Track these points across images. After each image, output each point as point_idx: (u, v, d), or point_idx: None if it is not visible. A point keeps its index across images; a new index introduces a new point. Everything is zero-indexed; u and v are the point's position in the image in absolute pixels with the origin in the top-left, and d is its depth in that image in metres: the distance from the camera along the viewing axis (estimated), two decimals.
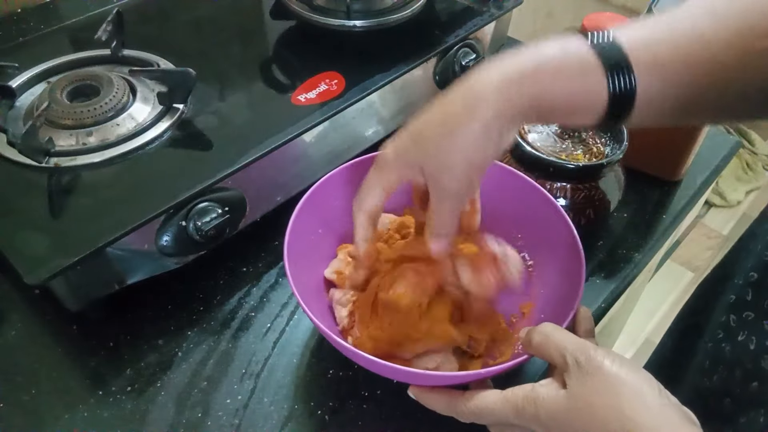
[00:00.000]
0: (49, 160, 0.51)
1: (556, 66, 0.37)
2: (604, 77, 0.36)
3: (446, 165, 0.39)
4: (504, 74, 0.37)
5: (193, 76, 0.55)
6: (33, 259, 0.44)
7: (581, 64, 0.36)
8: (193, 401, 0.48)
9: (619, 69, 0.36)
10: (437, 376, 0.41)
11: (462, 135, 0.38)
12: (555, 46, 0.37)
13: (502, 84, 0.37)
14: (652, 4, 0.63)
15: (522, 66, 0.37)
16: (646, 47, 0.36)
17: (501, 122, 0.37)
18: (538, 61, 0.37)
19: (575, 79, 0.36)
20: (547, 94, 0.37)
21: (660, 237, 0.63)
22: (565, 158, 0.56)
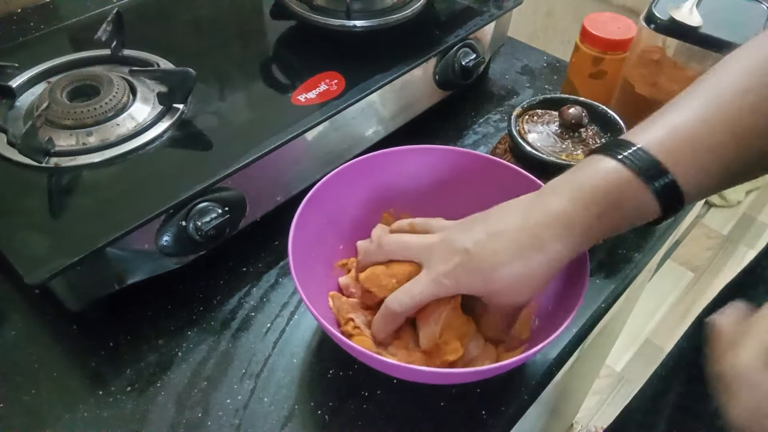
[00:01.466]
0: (49, 160, 0.51)
1: (610, 202, 0.38)
2: (647, 189, 0.38)
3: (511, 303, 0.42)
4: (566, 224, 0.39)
5: (193, 76, 0.55)
6: (33, 259, 0.44)
7: (626, 188, 0.38)
8: (193, 401, 0.48)
9: (659, 176, 0.38)
10: (436, 373, 0.41)
11: (529, 276, 0.40)
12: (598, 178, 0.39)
13: (565, 233, 0.39)
14: (652, 5, 0.63)
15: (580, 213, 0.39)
16: (673, 140, 0.38)
17: (564, 263, 0.40)
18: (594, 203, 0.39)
19: (630, 209, 0.39)
20: (609, 233, 0.40)
21: (660, 237, 0.63)
22: (565, 158, 0.56)
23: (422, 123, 0.71)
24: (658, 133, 0.39)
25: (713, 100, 0.39)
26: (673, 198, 0.38)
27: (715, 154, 0.38)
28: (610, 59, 0.70)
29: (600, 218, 0.39)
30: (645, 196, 0.38)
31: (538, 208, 0.40)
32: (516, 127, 0.59)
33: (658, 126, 0.39)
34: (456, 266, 0.41)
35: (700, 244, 1.90)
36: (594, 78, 0.72)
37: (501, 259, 0.40)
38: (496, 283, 0.40)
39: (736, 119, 0.38)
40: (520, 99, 0.79)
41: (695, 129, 0.38)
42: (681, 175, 0.38)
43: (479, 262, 0.40)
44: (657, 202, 0.38)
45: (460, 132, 0.74)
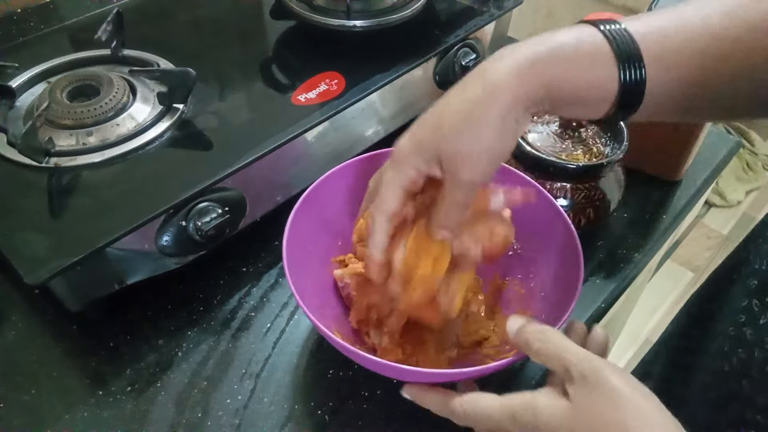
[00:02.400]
0: (49, 160, 0.51)
1: (570, 53, 0.37)
2: (616, 68, 0.36)
3: (466, 154, 0.38)
4: (519, 61, 0.37)
5: (193, 76, 0.55)
6: (33, 259, 0.44)
7: (594, 53, 0.36)
8: (193, 401, 0.48)
9: (631, 60, 0.36)
10: (433, 373, 0.41)
11: (481, 122, 0.37)
12: (568, 34, 0.38)
13: (517, 71, 0.37)
14: (652, 4, 0.63)
15: (537, 53, 0.37)
16: (657, 40, 0.37)
17: (518, 109, 0.37)
18: (552, 48, 0.37)
19: (588, 67, 0.37)
20: (561, 81, 0.37)
21: (660, 237, 0.63)
22: (565, 158, 0.56)
23: None
24: (643, 24, 0.38)
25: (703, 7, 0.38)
26: (636, 91, 0.37)
27: (688, 67, 0.37)
28: None
29: (554, 64, 0.37)
30: (608, 67, 0.36)
31: (494, 60, 0.38)
32: None
33: (647, 20, 0.38)
34: (412, 129, 0.40)
35: (700, 244, 1.90)
36: None
37: (450, 110, 0.39)
38: (445, 133, 0.38)
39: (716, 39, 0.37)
40: None
41: (679, 36, 0.37)
42: (651, 73, 0.36)
43: (430, 118, 0.40)
44: (618, 83, 0.36)
45: None
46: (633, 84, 0.36)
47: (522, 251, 0.52)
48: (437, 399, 0.40)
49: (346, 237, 0.53)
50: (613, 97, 0.37)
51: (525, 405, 0.35)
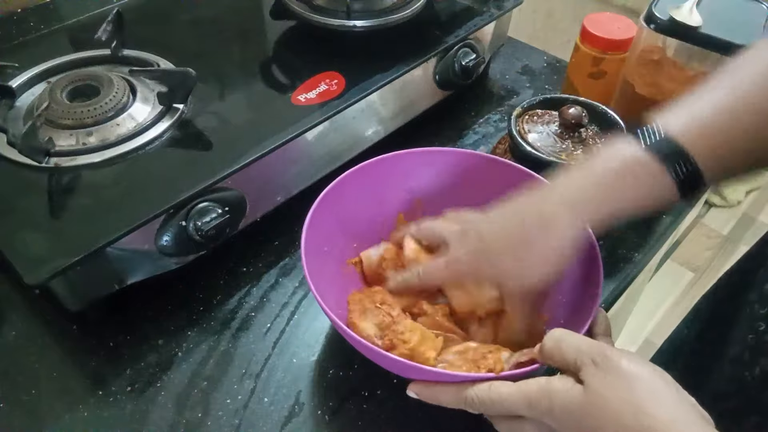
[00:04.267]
0: (49, 160, 0.51)
1: (623, 183, 0.38)
2: (668, 174, 0.38)
3: (528, 287, 0.42)
4: (575, 199, 0.39)
5: (193, 76, 0.55)
6: (33, 259, 0.44)
7: (642, 170, 0.38)
8: (193, 401, 0.48)
9: (680, 162, 0.38)
10: (444, 374, 0.41)
11: (540, 257, 0.40)
12: (614, 160, 0.39)
13: (575, 209, 0.39)
14: (652, 5, 0.63)
15: (591, 190, 0.39)
16: (698, 127, 0.38)
17: (575, 243, 0.40)
18: (606, 181, 0.39)
19: (645, 190, 0.39)
20: (621, 211, 0.39)
21: (660, 237, 0.63)
22: (565, 158, 0.56)
23: (422, 123, 0.71)
24: (679, 118, 0.39)
25: (736, 85, 0.39)
26: (693, 182, 0.38)
27: (737, 139, 0.38)
28: (610, 59, 0.70)
29: (611, 198, 0.39)
30: (663, 179, 0.38)
31: (550, 191, 0.41)
32: (516, 127, 0.59)
33: (680, 111, 0.39)
34: (469, 250, 0.43)
35: (700, 244, 1.90)
36: (594, 78, 0.72)
37: (509, 241, 0.41)
38: (506, 265, 0.41)
39: (758, 103, 0.38)
40: (520, 99, 0.79)
41: (717, 114, 0.38)
42: (702, 159, 0.38)
43: (490, 245, 0.42)
44: (676, 186, 0.38)
45: (460, 132, 0.74)
46: (690, 181, 0.38)
47: None
48: (449, 390, 0.40)
49: (362, 239, 0.53)
50: (675, 195, 0.39)
51: (541, 390, 0.36)
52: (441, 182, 0.55)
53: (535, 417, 0.36)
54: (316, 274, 0.45)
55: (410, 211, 0.56)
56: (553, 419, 0.35)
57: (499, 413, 0.38)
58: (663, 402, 0.32)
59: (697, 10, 0.61)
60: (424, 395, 0.42)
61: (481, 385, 0.38)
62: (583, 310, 0.44)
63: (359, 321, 0.46)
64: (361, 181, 0.52)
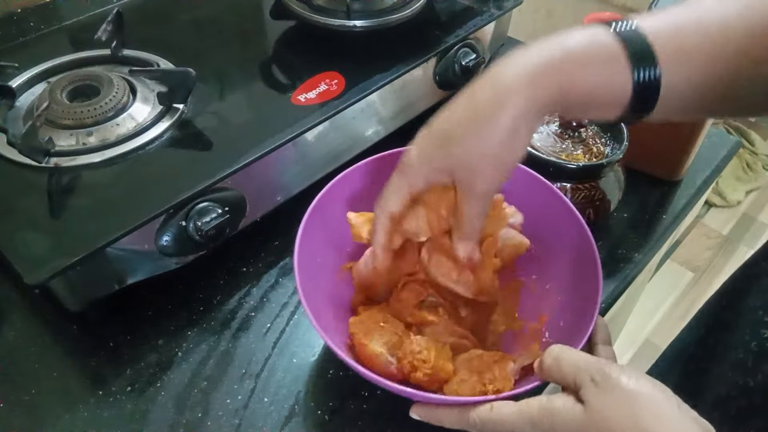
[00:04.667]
0: (49, 160, 0.51)
1: (582, 56, 0.36)
2: (629, 68, 0.35)
3: (477, 167, 0.38)
4: (530, 65, 0.36)
5: (193, 76, 0.55)
6: (33, 259, 0.44)
7: (607, 55, 0.36)
8: (193, 401, 0.48)
9: (644, 60, 0.35)
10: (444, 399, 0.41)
11: (492, 132, 0.37)
12: (580, 36, 0.37)
13: (528, 75, 0.36)
14: (652, 4, 0.63)
15: (548, 56, 0.36)
16: (672, 37, 0.36)
17: (529, 114, 0.36)
18: (564, 51, 0.36)
19: (601, 70, 0.36)
20: (574, 84, 0.36)
21: (660, 237, 0.63)
22: (565, 158, 0.56)
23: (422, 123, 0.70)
24: (659, 23, 0.37)
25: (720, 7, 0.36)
26: (650, 91, 0.36)
27: (703, 65, 0.36)
28: None
29: (564, 69, 0.36)
30: (621, 68, 0.36)
31: (506, 61, 0.37)
32: None
33: (660, 16, 0.37)
34: (417, 141, 0.40)
35: (700, 244, 1.90)
36: None
37: (456, 120, 0.38)
38: (453, 145, 0.38)
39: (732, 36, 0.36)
40: None
41: (693, 33, 0.36)
42: (665, 72, 0.36)
43: (436, 129, 0.39)
44: (632, 84, 0.36)
45: None
46: (647, 85, 0.36)
47: (535, 251, 0.52)
48: (451, 414, 0.40)
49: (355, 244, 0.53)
50: (627, 99, 0.36)
51: (542, 409, 0.35)
52: None
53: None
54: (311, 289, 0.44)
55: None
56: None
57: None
58: (664, 419, 0.32)
59: None
60: (426, 418, 0.41)
61: (483, 407, 0.38)
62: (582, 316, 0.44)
63: (367, 341, 0.45)
64: (349, 187, 0.51)
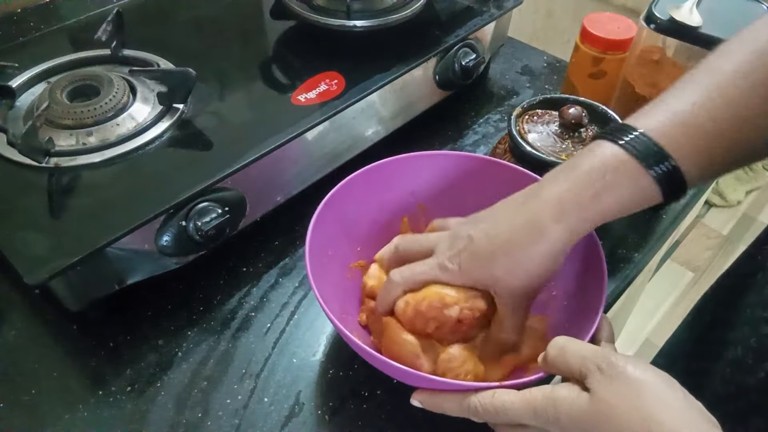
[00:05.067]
0: (49, 160, 0.51)
1: (605, 184, 0.38)
2: (652, 179, 0.38)
3: (519, 291, 0.41)
4: (559, 205, 0.39)
5: (193, 76, 0.55)
6: (33, 259, 0.44)
7: (624, 173, 0.38)
8: (193, 401, 0.48)
9: (659, 161, 0.37)
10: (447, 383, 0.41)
11: (534, 266, 0.40)
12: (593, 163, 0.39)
13: (562, 216, 0.39)
14: (652, 5, 0.63)
15: (574, 194, 0.39)
16: (680, 132, 0.38)
17: (565, 246, 0.40)
18: (589, 187, 0.39)
19: (628, 191, 0.38)
20: (607, 215, 0.39)
21: (660, 237, 0.63)
22: (565, 158, 0.56)
23: (422, 123, 0.71)
24: (658, 118, 0.39)
25: (714, 85, 0.39)
26: (675, 183, 0.38)
27: (717, 139, 0.38)
28: (610, 59, 0.70)
29: (596, 200, 0.38)
30: (644, 180, 0.38)
31: (536, 195, 0.41)
32: (516, 127, 0.59)
33: (659, 111, 0.39)
34: (459, 252, 0.43)
35: (700, 244, 1.90)
36: (594, 78, 0.72)
37: (499, 243, 0.41)
38: (496, 268, 0.41)
39: (737, 103, 0.38)
40: (520, 99, 0.79)
41: (696, 114, 0.38)
42: (683, 160, 0.37)
43: (480, 248, 0.42)
44: (657, 186, 0.38)
45: (460, 132, 0.74)
46: (670, 180, 0.38)
47: None
48: (454, 399, 0.40)
49: (366, 243, 0.53)
50: (659, 195, 0.38)
51: (546, 398, 0.35)
52: (444, 185, 0.55)
53: (541, 426, 0.36)
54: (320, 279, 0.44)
55: (414, 215, 0.56)
56: (559, 428, 0.35)
57: (504, 422, 0.38)
58: (671, 408, 0.32)
59: (697, 10, 0.61)
60: (428, 404, 0.41)
61: (484, 393, 0.38)
62: (587, 315, 0.44)
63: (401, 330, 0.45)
64: (364, 185, 0.52)
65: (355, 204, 0.52)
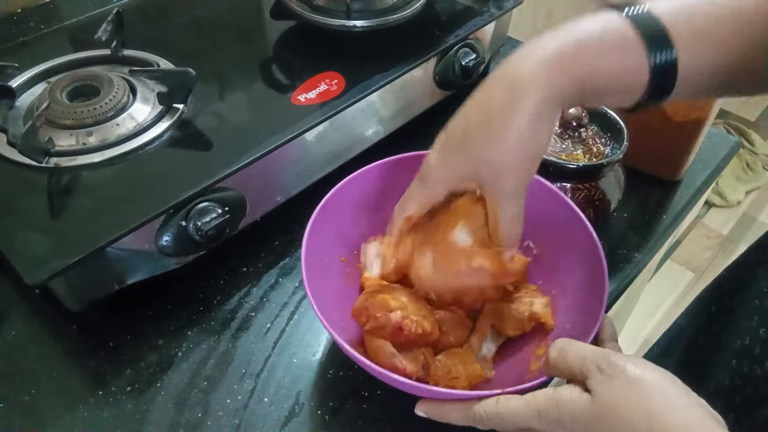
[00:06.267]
0: (49, 160, 0.51)
1: (597, 44, 0.35)
2: (645, 53, 0.35)
3: (503, 167, 0.37)
4: (544, 57, 0.36)
5: (193, 76, 0.55)
6: (33, 259, 0.44)
7: (622, 41, 0.35)
8: (193, 401, 0.48)
9: (660, 43, 0.35)
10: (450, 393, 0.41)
11: (512, 131, 0.36)
12: (592, 23, 0.36)
13: (543, 68, 0.35)
14: None
15: (562, 46, 0.36)
16: (686, 20, 0.36)
17: (548, 107, 0.36)
18: (578, 40, 0.36)
19: (617, 56, 0.35)
20: (591, 73, 0.36)
21: (660, 237, 0.63)
22: (565, 158, 0.56)
23: (422, 123, 0.71)
24: (671, 5, 0.36)
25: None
26: (667, 74, 0.36)
27: (719, 45, 0.36)
28: None
29: (580, 55, 0.35)
30: (639, 55, 0.35)
31: (522, 52, 0.37)
32: None
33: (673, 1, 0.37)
34: (437, 146, 0.40)
35: (700, 244, 1.90)
36: None
37: (474, 118, 0.38)
38: (473, 147, 0.38)
39: (748, 11, 0.36)
40: None
41: (705, 12, 0.36)
42: (681, 54, 0.36)
43: (454, 131, 0.39)
44: (649, 71, 0.36)
45: None
46: (664, 69, 0.35)
47: (540, 254, 0.52)
48: (459, 408, 0.39)
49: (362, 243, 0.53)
50: (645, 84, 0.36)
51: (548, 401, 0.35)
52: None
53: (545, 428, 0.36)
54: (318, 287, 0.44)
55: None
56: (563, 429, 0.34)
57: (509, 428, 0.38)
58: (675, 406, 0.32)
59: None
60: (432, 414, 0.41)
61: (488, 401, 0.38)
62: (588, 316, 0.44)
63: None
64: (358, 188, 0.51)
65: (349, 208, 0.51)
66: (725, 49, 0.36)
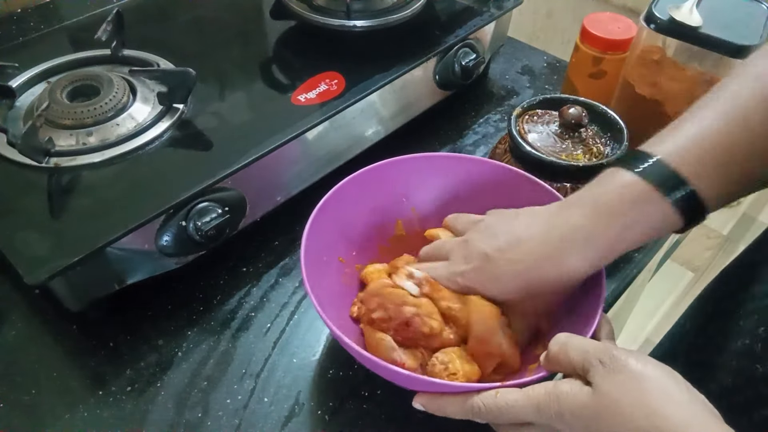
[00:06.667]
0: (49, 160, 0.51)
1: (630, 224, 0.38)
2: (667, 202, 0.38)
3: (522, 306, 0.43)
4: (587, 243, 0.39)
5: (193, 76, 0.55)
6: (33, 259, 0.44)
7: (642, 203, 0.38)
8: (193, 401, 0.48)
9: (675, 187, 0.38)
10: (448, 385, 0.40)
11: (544, 287, 0.41)
12: (611, 194, 0.39)
13: (587, 253, 0.39)
14: (652, 5, 0.63)
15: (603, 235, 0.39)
16: (697, 159, 0.38)
17: (582, 277, 0.41)
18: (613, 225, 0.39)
19: (642, 221, 0.39)
20: (630, 248, 0.40)
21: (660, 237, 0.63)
22: (565, 158, 0.56)
23: (422, 123, 0.71)
24: (676, 144, 0.39)
25: (731, 108, 0.39)
26: (695, 208, 0.38)
27: (736, 163, 0.38)
28: (610, 59, 0.70)
29: (621, 234, 0.39)
30: (665, 208, 0.38)
31: (560, 221, 0.41)
32: (516, 127, 0.59)
33: (677, 136, 0.39)
34: (474, 269, 0.43)
35: (700, 244, 1.90)
36: (594, 78, 0.72)
37: (517, 268, 0.41)
38: (512, 292, 0.41)
39: (756, 127, 0.38)
40: (520, 99, 0.79)
41: (715, 139, 0.38)
42: (702, 186, 0.38)
43: (496, 269, 0.42)
44: (678, 214, 0.38)
45: (460, 132, 0.74)
46: (688, 204, 0.38)
47: None
48: (456, 401, 0.40)
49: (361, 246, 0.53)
50: (677, 221, 0.39)
51: (548, 395, 0.35)
52: (437, 187, 0.55)
53: (544, 422, 0.36)
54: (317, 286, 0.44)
55: (408, 216, 0.55)
56: (563, 423, 0.35)
57: (507, 421, 0.38)
58: (675, 402, 0.32)
59: (697, 10, 0.61)
60: (430, 407, 0.41)
61: (487, 393, 0.38)
62: (586, 315, 0.44)
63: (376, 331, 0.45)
64: (356, 189, 0.51)
65: (348, 209, 0.51)
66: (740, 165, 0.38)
